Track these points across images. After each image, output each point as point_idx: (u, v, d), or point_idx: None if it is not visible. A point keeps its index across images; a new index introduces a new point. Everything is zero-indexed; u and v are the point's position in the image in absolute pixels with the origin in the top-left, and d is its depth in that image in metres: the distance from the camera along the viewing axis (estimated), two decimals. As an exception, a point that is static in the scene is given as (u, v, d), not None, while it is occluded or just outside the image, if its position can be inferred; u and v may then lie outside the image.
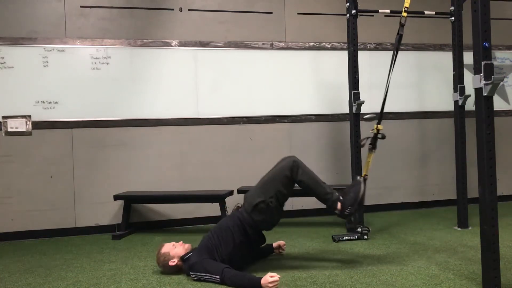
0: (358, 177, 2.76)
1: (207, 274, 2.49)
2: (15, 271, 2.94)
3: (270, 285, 2.29)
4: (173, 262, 2.68)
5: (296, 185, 2.74)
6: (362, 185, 2.68)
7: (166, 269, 2.72)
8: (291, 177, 2.67)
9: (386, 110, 4.69)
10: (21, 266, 3.06)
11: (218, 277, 2.44)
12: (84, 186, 4.12)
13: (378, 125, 3.01)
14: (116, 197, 3.98)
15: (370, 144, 3.02)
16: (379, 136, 3.00)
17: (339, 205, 2.65)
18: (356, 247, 3.25)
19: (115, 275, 2.76)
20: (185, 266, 2.64)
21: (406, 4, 2.96)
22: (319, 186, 2.68)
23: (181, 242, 2.78)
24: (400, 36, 2.95)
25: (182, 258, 2.67)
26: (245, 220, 2.69)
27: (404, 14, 2.96)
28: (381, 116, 3.05)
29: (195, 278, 2.54)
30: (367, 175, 2.95)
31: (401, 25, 2.96)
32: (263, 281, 2.31)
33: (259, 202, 2.65)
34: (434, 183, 4.91)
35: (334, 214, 2.72)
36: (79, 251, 3.48)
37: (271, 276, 2.32)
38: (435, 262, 2.79)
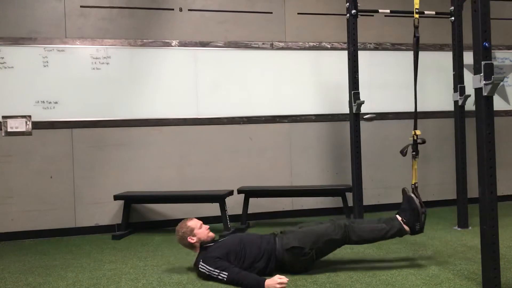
0: (406, 189, 2.78)
1: (216, 271, 2.47)
2: (15, 271, 2.94)
3: (277, 286, 2.28)
4: (192, 239, 2.67)
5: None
6: (413, 196, 2.71)
7: (182, 241, 2.71)
8: (341, 240, 2.67)
9: (386, 110, 4.76)
10: (21, 266, 3.06)
11: (226, 274, 2.43)
12: (84, 186, 4.12)
13: (416, 131, 3.01)
14: (116, 197, 3.98)
15: (413, 152, 3.01)
16: (419, 141, 3.01)
17: (406, 228, 2.67)
18: (356, 247, 3.24)
19: (115, 275, 2.76)
20: (200, 254, 2.63)
21: (416, 5, 2.95)
22: (378, 232, 2.67)
23: (208, 226, 2.76)
24: (417, 38, 2.95)
25: (202, 244, 2.67)
26: (276, 253, 2.63)
27: (416, 15, 2.95)
28: (415, 121, 3.03)
29: (202, 271, 2.53)
30: (417, 183, 2.96)
31: (415, 27, 2.95)
32: (270, 281, 2.31)
33: (297, 247, 2.60)
34: (434, 183, 4.91)
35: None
36: (79, 251, 3.48)
37: (279, 278, 2.32)
38: (435, 262, 2.79)
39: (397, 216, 2.72)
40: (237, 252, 2.58)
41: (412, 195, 2.73)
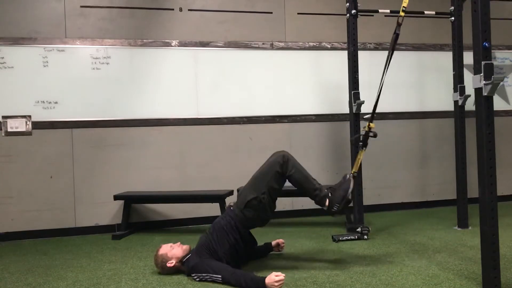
0: (348, 175, 2.74)
1: (208, 274, 2.49)
2: (15, 271, 2.94)
3: (276, 284, 2.28)
4: (171, 263, 2.68)
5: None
6: (351, 182, 2.68)
7: (165, 271, 2.72)
8: (281, 172, 2.67)
9: (386, 110, 4.76)
10: (21, 266, 3.06)
11: (220, 276, 2.44)
12: (84, 186, 4.12)
13: (370, 123, 3.01)
14: (116, 197, 3.98)
15: (361, 142, 3.02)
16: (371, 134, 3.00)
17: (327, 201, 2.65)
18: (356, 247, 3.24)
19: (115, 275, 2.76)
20: (186, 268, 2.64)
21: (404, 4, 2.96)
22: (309, 182, 2.68)
23: (179, 243, 2.77)
24: (396, 35, 2.95)
25: (181, 260, 2.67)
26: (237, 218, 2.69)
27: (402, 13, 2.96)
28: (373, 115, 3.05)
29: (197, 279, 2.54)
30: (356, 173, 2.96)
31: (398, 25, 2.96)
32: (268, 280, 2.31)
33: (251, 199, 2.65)
34: (434, 183, 4.91)
35: (323, 211, 2.71)
36: (79, 251, 3.48)
37: (276, 275, 2.31)
38: (435, 262, 2.79)
39: (326, 190, 2.70)
40: (211, 243, 2.62)
41: (351, 179, 2.69)
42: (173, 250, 2.72)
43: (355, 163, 3.03)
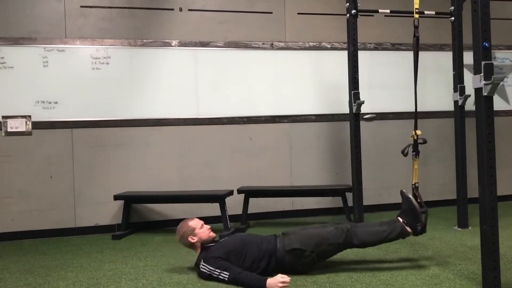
0: (403, 191, 2.78)
1: (217, 270, 2.47)
2: (15, 271, 2.94)
3: (280, 284, 2.28)
4: (193, 239, 2.66)
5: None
6: (411, 197, 2.71)
7: (182, 240, 2.70)
8: (343, 244, 2.65)
9: (386, 110, 4.76)
10: (21, 266, 3.06)
11: (228, 274, 2.43)
12: (84, 186, 4.12)
13: (416, 131, 3.01)
14: (116, 197, 3.98)
15: (413, 152, 3.02)
16: (420, 141, 3.01)
17: (408, 229, 2.66)
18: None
19: (115, 275, 2.76)
20: (201, 254, 2.63)
21: (416, 5, 2.96)
22: (380, 235, 2.66)
23: (209, 227, 2.75)
24: (417, 38, 2.95)
25: (203, 244, 2.66)
26: (277, 254, 2.62)
27: (416, 15, 2.96)
28: (416, 121, 3.05)
29: (203, 270, 2.53)
30: (417, 182, 2.96)
31: (415, 27, 2.95)
32: (272, 280, 2.31)
33: (299, 249, 2.59)
34: (434, 183, 4.90)
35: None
36: (79, 251, 3.48)
37: (282, 277, 2.31)
38: (435, 262, 2.79)
39: (399, 218, 2.72)
40: (238, 252, 2.58)
41: (410, 195, 2.72)
42: (201, 230, 2.69)
43: (413, 174, 3.02)
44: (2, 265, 3.12)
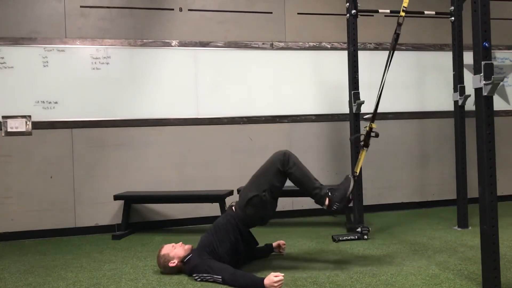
0: (349, 175, 2.76)
1: (209, 275, 2.49)
2: (15, 271, 2.94)
3: (275, 284, 2.29)
4: (173, 263, 2.68)
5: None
6: (352, 182, 2.69)
7: (167, 270, 2.72)
8: (282, 170, 2.67)
9: (386, 110, 4.76)
10: (21, 266, 3.06)
11: (220, 277, 2.44)
12: (84, 186, 4.12)
13: (372, 123, 3.01)
14: (116, 197, 3.98)
15: (361, 141, 3.02)
16: (372, 134, 3.01)
17: (327, 200, 2.65)
18: (356, 247, 3.24)
19: (115, 275, 2.76)
20: (187, 268, 2.65)
21: (405, 4, 2.96)
22: (309, 181, 2.68)
23: (181, 243, 2.77)
24: (397, 35, 2.95)
25: (182, 260, 2.67)
26: (238, 217, 2.70)
27: (402, 13, 2.96)
28: (374, 115, 3.05)
29: (198, 279, 2.54)
30: (356, 173, 2.96)
31: (399, 24, 2.96)
32: (266, 280, 2.31)
33: (252, 197, 2.65)
34: (434, 183, 4.91)
35: (324, 211, 2.71)
36: (79, 251, 3.48)
37: (275, 276, 2.31)
38: (435, 262, 2.79)
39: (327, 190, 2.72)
40: (212, 243, 2.62)
41: (352, 182, 2.70)
42: (175, 250, 2.72)
43: (356, 163, 3.03)
44: (2, 265, 3.12)
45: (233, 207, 2.78)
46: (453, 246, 3.19)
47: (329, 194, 2.66)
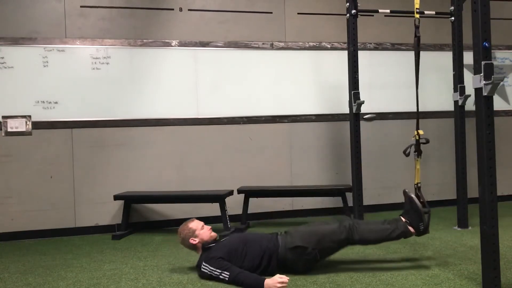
0: (406, 190, 2.78)
1: (218, 270, 2.48)
2: (15, 271, 2.94)
3: (278, 285, 2.29)
4: (194, 241, 2.67)
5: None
6: (413, 197, 2.70)
7: (184, 243, 2.72)
8: (345, 240, 2.64)
9: (386, 110, 4.76)
10: (21, 266, 3.06)
11: (228, 274, 2.44)
12: (84, 186, 4.12)
13: (419, 131, 3.01)
14: (116, 197, 3.98)
15: (415, 152, 3.02)
16: (422, 141, 3.01)
17: (411, 229, 2.65)
18: (356, 247, 3.23)
19: (115, 275, 2.76)
20: (203, 255, 2.64)
21: (417, 5, 2.95)
22: (381, 233, 2.66)
23: (210, 227, 2.76)
24: (418, 38, 2.94)
25: (204, 244, 2.67)
26: (279, 252, 2.62)
27: (417, 15, 2.95)
28: (418, 121, 3.04)
29: (204, 271, 2.54)
30: (420, 183, 2.95)
31: (416, 27, 2.95)
32: (270, 281, 2.32)
33: (301, 246, 2.59)
34: (434, 183, 4.90)
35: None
36: (79, 251, 3.48)
37: (280, 277, 2.32)
38: (435, 262, 2.79)
39: (401, 217, 2.72)
40: (238, 251, 2.58)
41: (413, 195, 2.72)
42: (203, 231, 2.70)
43: (415, 174, 3.02)
44: (2, 265, 3.12)
45: (279, 237, 2.69)
46: (453, 246, 3.19)
47: (408, 222, 2.67)
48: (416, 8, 2.96)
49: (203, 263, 2.57)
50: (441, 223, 4.01)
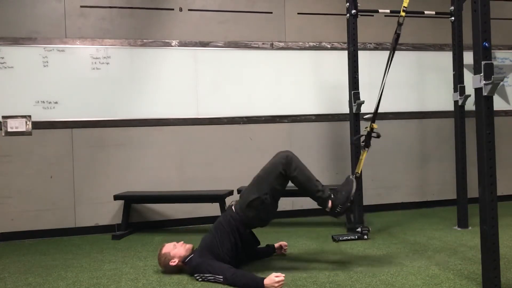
0: (350, 176, 2.75)
1: (211, 275, 2.50)
2: (15, 271, 2.94)
3: (276, 284, 2.29)
4: (174, 262, 2.68)
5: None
6: (354, 183, 2.67)
7: (167, 269, 2.72)
8: (284, 173, 2.66)
9: (386, 110, 4.76)
10: (21, 266, 3.06)
11: (222, 277, 2.45)
12: (84, 186, 4.12)
13: (373, 124, 3.01)
14: (116, 197, 3.98)
15: (363, 142, 3.02)
16: (374, 134, 3.01)
17: (329, 203, 2.63)
18: (356, 247, 3.24)
19: (115, 275, 2.76)
20: (189, 268, 2.65)
21: (405, 4, 2.96)
22: (311, 184, 2.67)
23: (182, 242, 2.78)
24: (397, 35, 2.95)
25: (184, 260, 2.68)
26: (238, 218, 2.70)
27: (403, 13, 2.96)
28: (375, 115, 3.05)
29: (200, 279, 2.55)
30: (358, 173, 2.95)
31: (399, 24, 2.96)
32: (267, 280, 2.32)
33: (253, 199, 2.65)
34: (434, 183, 4.91)
35: (324, 212, 2.70)
36: (79, 251, 3.48)
37: (276, 276, 2.32)
38: (435, 262, 2.79)
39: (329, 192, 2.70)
40: (214, 244, 2.63)
41: (355, 182, 2.69)
42: (176, 249, 2.72)
43: (357, 163, 3.02)
44: (2, 265, 3.12)
45: (233, 207, 2.77)
46: (453, 246, 3.19)
47: (332, 196, 2.65)
48: (404, 7, 2.97)
49: (194, 275, 2.59)
50: (441, 223, 4.01)
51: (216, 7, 4.44)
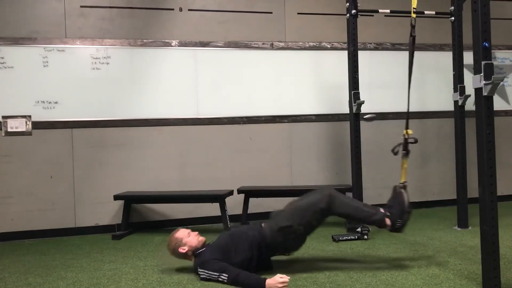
0: (397, 187, 2.76)
1: (216, 273, 2.48)
2: (15, 271, 2.94)
3: (279, 285, 2.29)
4: (184, 250, 2.66)
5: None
6: (405, 194, 2.69)
7: (174, 254, 2.71)
8: (326, 209, 2.65)
9: (386, 110, 4.76)
10: (21, 266, 3.06)
11: (226, 276, 2.44)
12: (84, 186, 4.12)
13: (408, 130, 3.01)
14: (116, 197, 3.98)
15: (403, 151, 3.01)
16: (411, 140, 3.01)
17: (387, 221, 2.65)
18: (356, 247, 3.24)
19: (115, 275, 2.76)
20: (196, 261, 2.63)
21: (414, 5, 2.95)
22: (361, 212, 2.68)
23: (197, 232, 2.75)
24: (413, 38, 2.94)
25: (194, 252, 2.66)
26: (265, 238, 2.65)
27: (413, 15, 2.95)
28: (407, 121, 3.05)
29: (202, 276, 2.54)
30: (406, 182, 2.94)
31: (412, 27, 2.94)
32: (271, 280, 2.32)
33: (286, 226, 2.61)
34: (434, 183, 4.91)
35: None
36: (79, 251, 3.48)
37: (281, 277, 2.32)
38: (435, 262, 2.79)
39: (381, 208, 2.71)
40: (229, 248, 2.60)
41: (403, 191, 2.71)
42: (189, 238, 2.69)
43: (402, 172, 3.00)
44: (2, 265, 3.12)
45: (263, 224, 2.73)
46: (453, 246, 3.19)
47: (387, 214, 2.66)
48: (413, 8, 2.96)
49: (199, 269, 2.57)
50: (441, 223, 4.01)
51: (216, 7, 4.44)
